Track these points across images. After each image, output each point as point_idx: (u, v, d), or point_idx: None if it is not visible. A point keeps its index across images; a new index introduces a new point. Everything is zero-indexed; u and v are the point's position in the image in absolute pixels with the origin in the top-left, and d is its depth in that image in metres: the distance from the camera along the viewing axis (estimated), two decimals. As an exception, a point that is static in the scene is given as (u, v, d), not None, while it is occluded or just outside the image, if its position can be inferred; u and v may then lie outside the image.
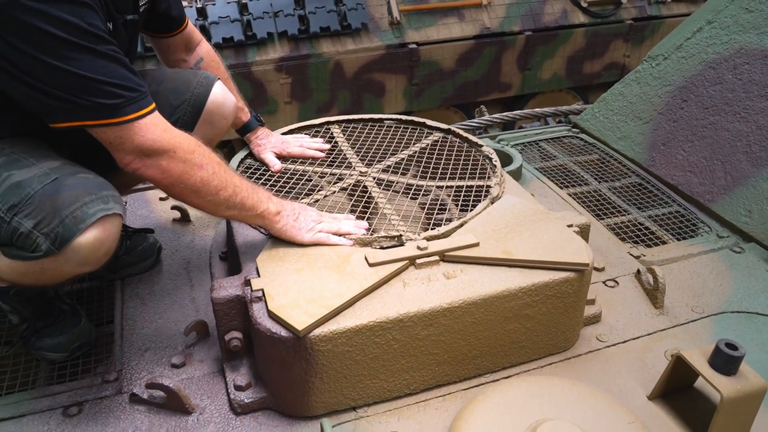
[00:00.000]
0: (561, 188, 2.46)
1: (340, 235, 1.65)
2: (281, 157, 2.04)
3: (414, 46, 5.36)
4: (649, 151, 2.55)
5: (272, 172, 1.97)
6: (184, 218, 2.30)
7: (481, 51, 5.61)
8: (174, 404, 1.54)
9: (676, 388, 1.57)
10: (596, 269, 1.98)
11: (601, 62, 6.04)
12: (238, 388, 1.54)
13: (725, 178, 2.26)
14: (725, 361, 1.38)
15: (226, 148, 5.52)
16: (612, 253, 2.08)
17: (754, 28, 2.38)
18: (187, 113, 1.85)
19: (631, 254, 2.07)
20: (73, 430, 1.51)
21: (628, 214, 2.32)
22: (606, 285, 1.94)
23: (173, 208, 2.30)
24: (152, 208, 2.38)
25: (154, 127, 1.41)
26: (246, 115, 2.09)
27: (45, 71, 1.29)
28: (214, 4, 5.02)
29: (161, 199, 2.43)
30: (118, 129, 1.38)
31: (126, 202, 2.37)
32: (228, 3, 5.04)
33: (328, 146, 2.12)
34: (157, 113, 1.45)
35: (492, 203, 1.81)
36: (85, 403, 1.58)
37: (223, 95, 1.90)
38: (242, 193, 1.55)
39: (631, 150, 2.63)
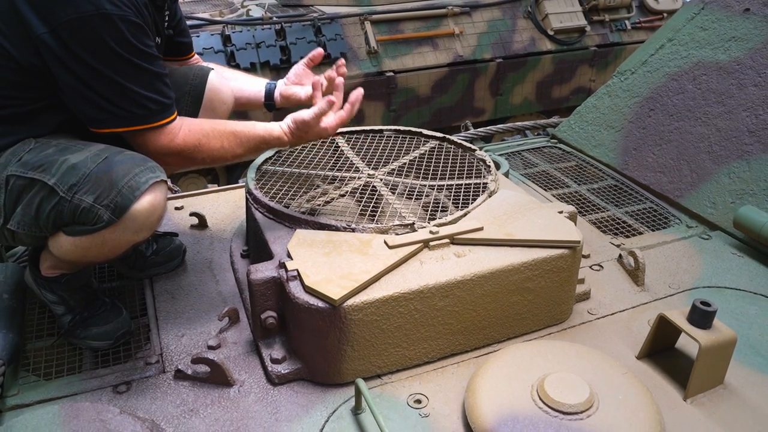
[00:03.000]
0: (545, 190, 2.71)
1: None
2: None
3: (391, 74, 5.59)
4: (622, 156, 2.82)
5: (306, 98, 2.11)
6: (202, 224, 2.47)
7: (455, 78, 5.88)
8: (217, 377, 1.70)
9: (660, 348, 1.79)
10: (583, 256, 2.21)
11: (569, 87, 6.38)
12: (274, 361, 1.72)
13: (691, 175, 2.53)
14: (701, 316, 1.61)
15: (210, 176, 5.68)
16: (595, 243, 2.32)
17: (709, 44, 2.69)
18: (188, 104, 2.03)
19: (612, 243, 2.31)
20: (125, 404, 1.66)
21: (607, 210, 2.57)
22: (592, 269, 2.17)
23: (191, 214, 2.47)
24: (170, 216, 2.55)
25: (170, 132, 1.68)
26: (262, 88, 2.21)
27: (99, 81, 1.52)
28: (198, 36, 5.21)
29: (177, 208, 2.60)
30: (146, 133, 1.64)
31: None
32: (212, 35, 5.23)
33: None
34: (177, 120, 1.70)
35: (490, 196, 2.03)
36: (132, 382, 1.74)
37: (219, 81, 2.08)
38: (250, 143, 1.81)
39: (606, 156, 2.90)
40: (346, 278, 1.62)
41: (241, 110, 2.32)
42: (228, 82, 2.13)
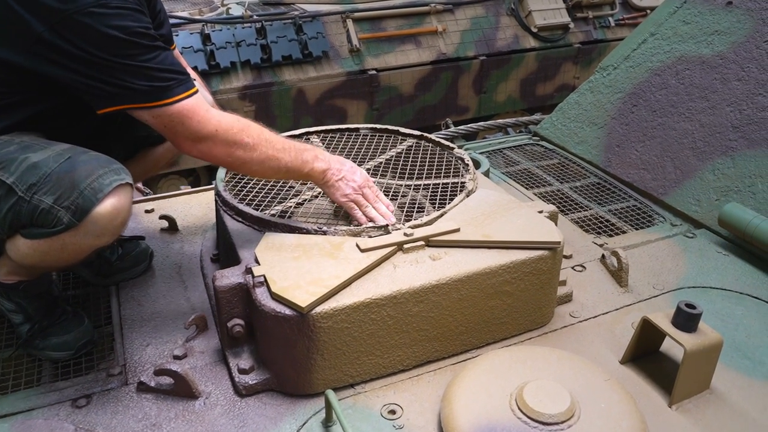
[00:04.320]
0: (527, 189, 2.64)
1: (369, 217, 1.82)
2: None
3: (374, 72, 5.52)
4: (605, 153, 2.76)
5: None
6: (172, 227, 2.38)
7: (438, 76, 5.82)
8: (181, 390, 1.62)
9: (644, 352, 1.72)
10: (565, 256, 2.14)
11: (553, 84, 6.33)
12: (242, 371, 1.63)
13: (675, 172, 2.47)
14: (686, 319, 1.54)
15: (191, 177, 5.59)
16: (578, 242, 2.25)
17: (692, 38, 2.63)
18: None
19: (595, 243, 2.24)
20: (83, 419, 1.58)
21: (590, 209, 2.51)
22: (574, 270, 2.10)
23: (161, 217, 2.38)
24: (140, 219, 2.46)
25: (198, 107, 1.58)
26: None
27: (107, 67, 1.46)
28: (177, 35, 5.10)
29: (147, 211, 2.51)
30: (170, 110, 1.54)
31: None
32: (191, 33, 5.13)
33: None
34: (199, 94, 1.61)
35: (468, 196, 1.96)
36: (93, 395, 1.65)
37: (199, 89, 2.01)
38: (286, 159, 1.72)
39: (588, 153, 2.84)
40: (315, 284, 1.54)
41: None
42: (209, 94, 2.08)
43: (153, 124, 1.59)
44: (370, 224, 1.78)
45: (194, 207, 2.57)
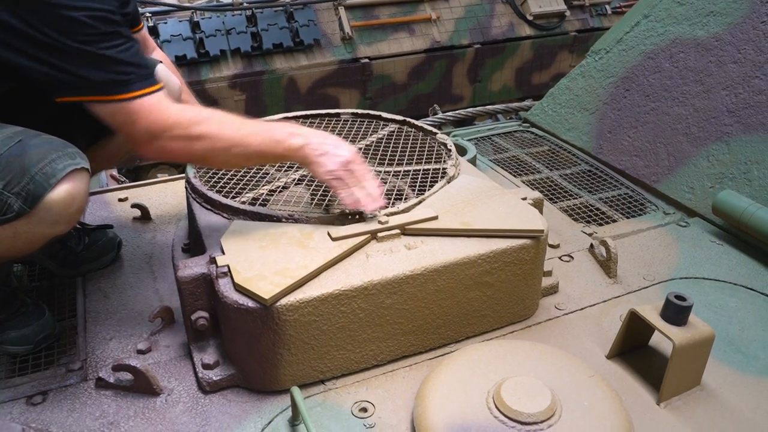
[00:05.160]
0: (515, 176, 2.55)
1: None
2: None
3: (366, 60, 5.42)
4: (597, 139, 2.67)
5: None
6: (145, 216, 2.29)
7: (432, 64, 5.72)
8: (142, 386, 1.53)
9: (632, 346, 1.64)
10: (552, 246, 2.05)
11: (549, 73, 6.22)
12: (206, 366, 1.55)
13: (668, 159, 2.37)
14: (675, 311, 1.45)
15: (182, 166, 5.49)
16: (566, 231, 2.16)
17: (686, 20, 2.53)
18: None
19: (584, 232, 2.15)
20: (37, 417, 1.49)
21: (580, 197, 2.42)
22: (561, 260, 2.01)
23: (134, 206, 2.29)
24: (112, 208, 2.37)
25: (157, 105, 1.47)
26: None
27: (66, 53, 1.37)
28: (165, 23, 5.01)
29: (120, 200, 2.42)
30: (126, 107, 1.43)
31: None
32: (180, 21, 5.03)
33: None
34: (162, 92, 1.50)
35: (449, 182, 1.87)
36: (49, 392, 1.56)
37: (166, 75, 1.89)
38: (254, 143, 1.56)
39: (579, 140, 2.74)
40: (281, 274, 1.45)
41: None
42: (175, 74, 1.97)
43: (110, 123, 1.48)
44: (344, 211, 1.69)
45: (169, 195, 2.48)
